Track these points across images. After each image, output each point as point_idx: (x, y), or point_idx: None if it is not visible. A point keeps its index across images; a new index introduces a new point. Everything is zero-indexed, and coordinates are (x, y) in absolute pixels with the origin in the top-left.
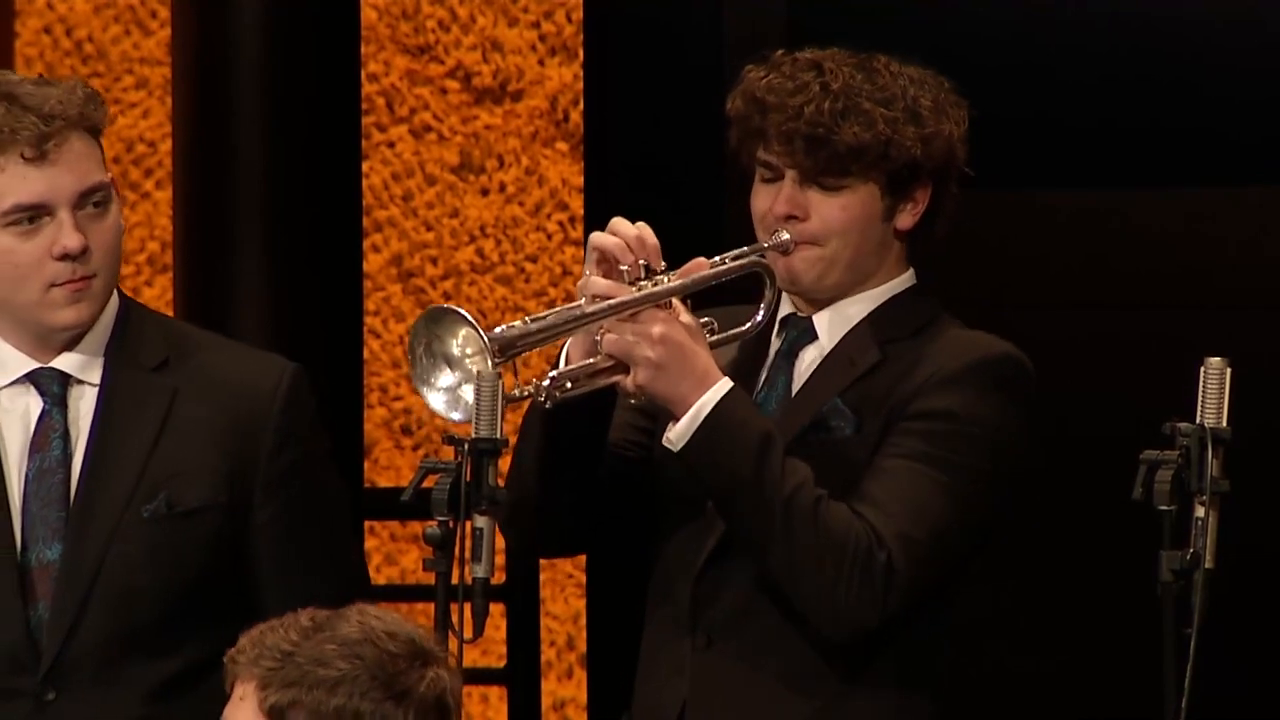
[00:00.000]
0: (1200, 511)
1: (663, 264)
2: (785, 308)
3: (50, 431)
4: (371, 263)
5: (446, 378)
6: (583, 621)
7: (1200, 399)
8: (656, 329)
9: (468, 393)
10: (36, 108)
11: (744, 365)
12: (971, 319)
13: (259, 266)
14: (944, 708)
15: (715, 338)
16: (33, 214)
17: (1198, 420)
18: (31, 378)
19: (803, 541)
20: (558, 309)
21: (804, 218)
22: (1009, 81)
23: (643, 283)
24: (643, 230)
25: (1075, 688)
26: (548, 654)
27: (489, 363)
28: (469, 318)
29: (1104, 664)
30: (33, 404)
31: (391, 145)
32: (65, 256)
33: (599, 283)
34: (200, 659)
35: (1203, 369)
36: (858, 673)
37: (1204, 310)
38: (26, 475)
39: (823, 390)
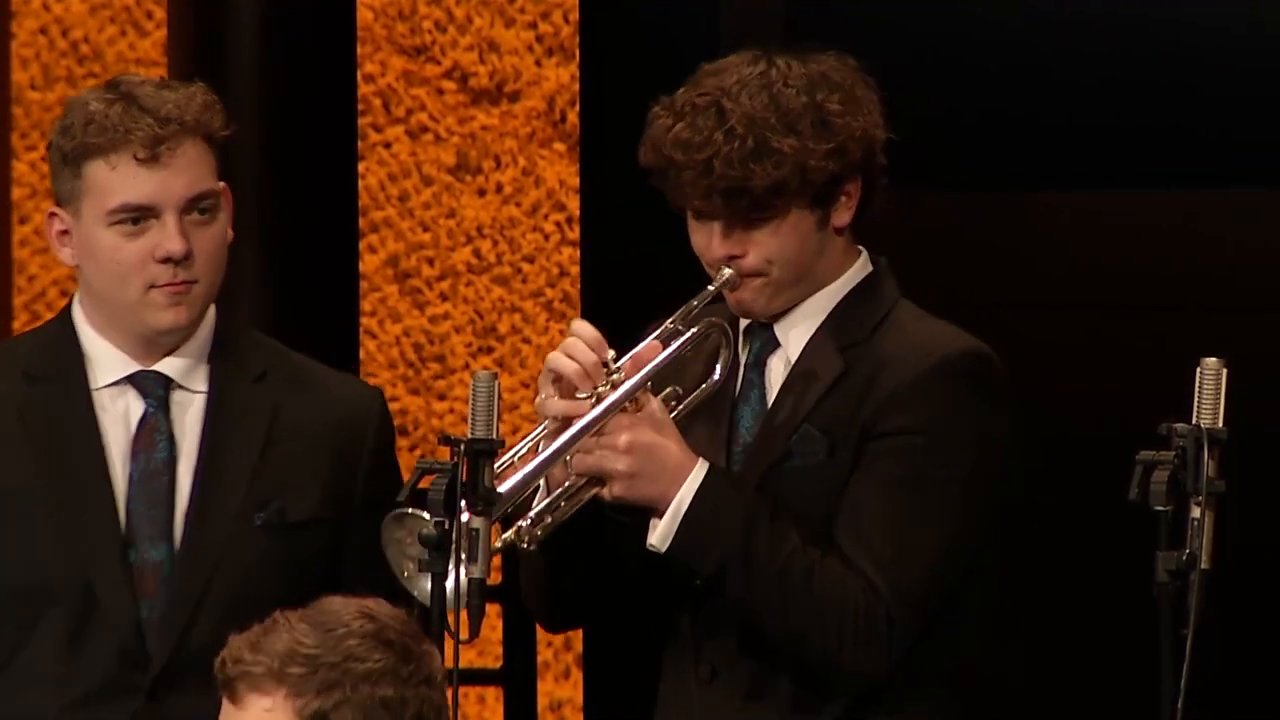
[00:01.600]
0: (1196, 512)
1: (613, 364)
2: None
3: (154, 433)
4: (368, 263)
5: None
6: None
7: (1196, 400)
8: (622, 439)
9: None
10: (154, 110)
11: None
12: (970, 319)
13: (255, 266)
14: (946, 717)
15: (680, 408)
16: (138, 215)
17: (1194, 421)
18: (133, 380)
19: (801, 612)
20: (520, 445)
21: (742, 255)
22: (1007, 82)
23: (602, 389)
24: (590, 341)
25: (1072, 689)
26: (544, 654)
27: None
28: (423, 515)
29: (1100, 665)
30: (133, 405)
31: (388, 146)
32: (167, 260)
33: (557, 404)
34: None
35: (1199, 370)
36: (867, 697)
37: (1200, 311)
38: (131, 475)
39: (792, 412)
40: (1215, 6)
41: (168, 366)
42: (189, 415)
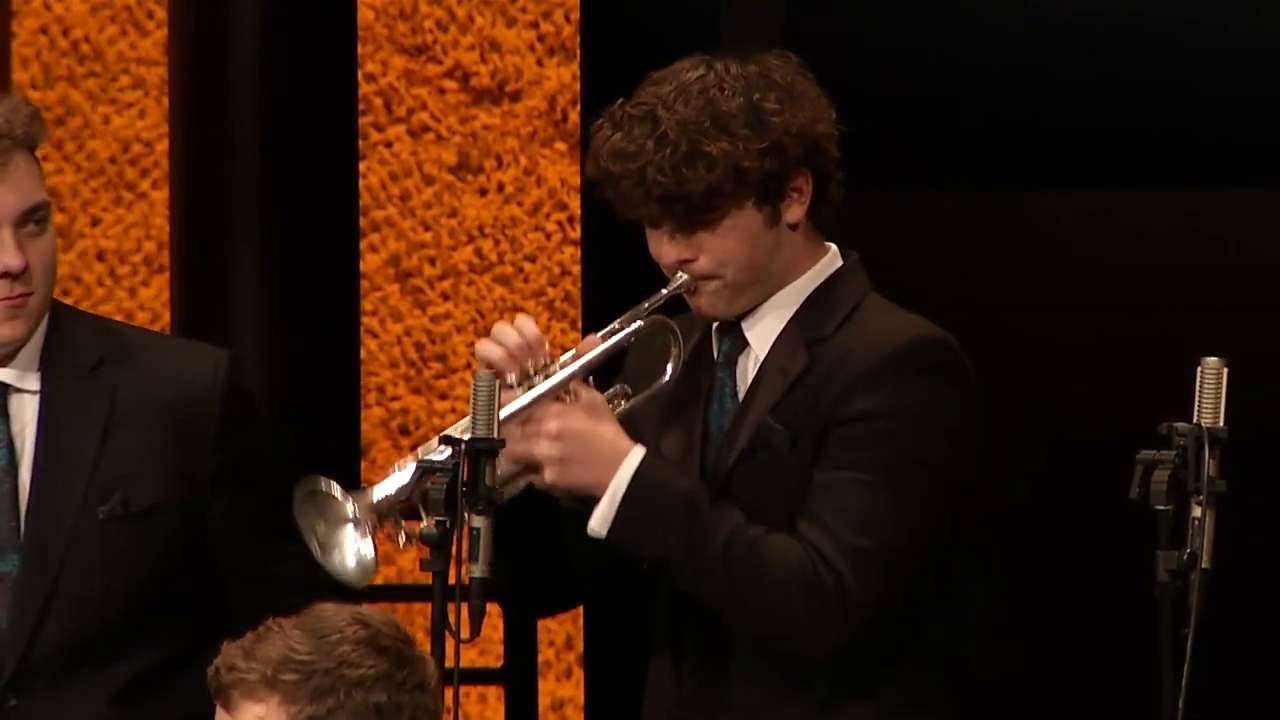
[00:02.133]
0: (1197, 512)
1: (547, 356)
2: None
3: None
4: (369, 263)
5: (346, 536)
6: (581, 621)
7: (1197, 399)
8: (552, 425)
9: (366, 548)
10: None
11: (691, 378)
12: (969, 319)
13: (256, 266)
14: (935, 712)
15: (627, 405)
16: None
17: (1194, 420)
18: None
19: (749, 587)
20: (450, 429)
21: (693, 259)
22: (1007, 82)
23: (534, 379)
24: (521, 325)
25: (1072, 688)
26: (546, 654)
27: (370, 523)
28: (335, 492)
29: (1101, 665)
30: None
31: (389, 145)
32: (4, 275)
33: None
34: (165, 659)
35: (1200, 369)
36: (842, 682)
37: (1201, 311)
38: None
39: (759, 407)
40: (1216, 7)
41: (1, 374)
42: (27, 417)
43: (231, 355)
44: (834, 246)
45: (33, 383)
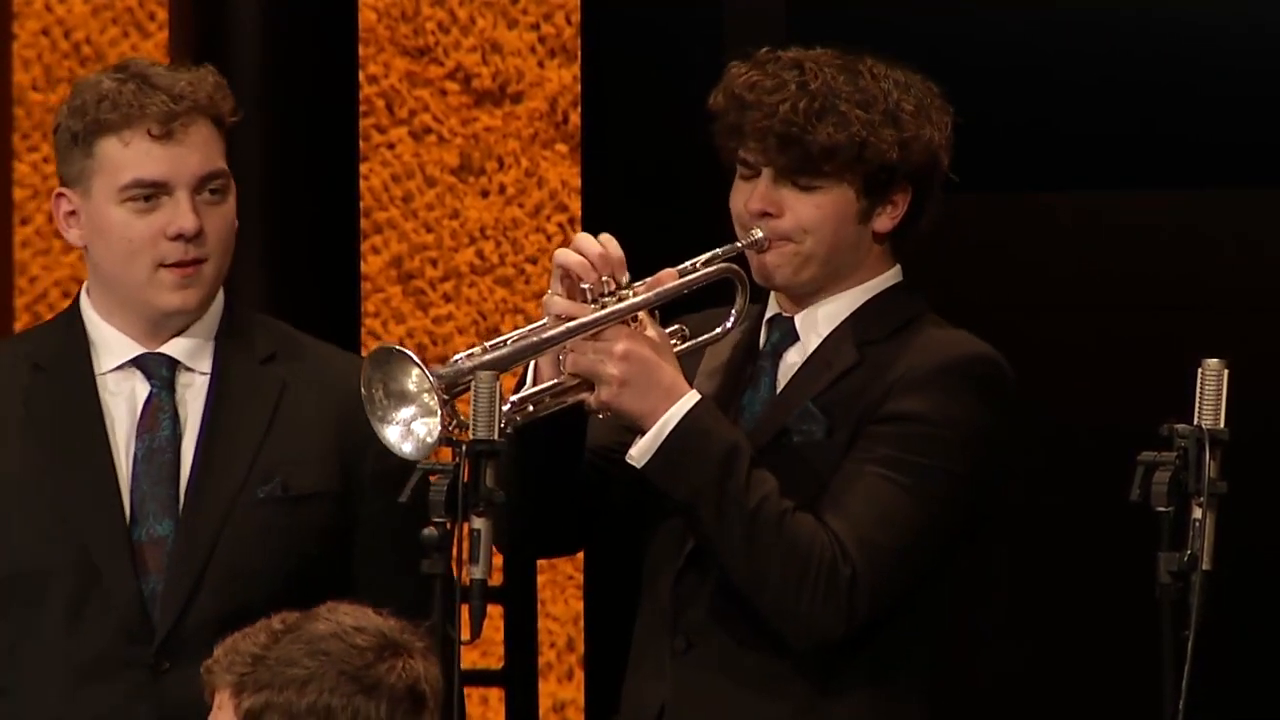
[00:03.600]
0: (1198, 513)
1: (627, 277)
2: (771, 308)
3: (159, 413)
4: (371, 264)
5: (403, 412)
6: (582, 623)
7: (1198, 401)
8: (619, 346)
9: (420, 428)
10: (167, 88)
11: (733, 365)
12: (969, 321)
13: (258, 267)
14: (930, 710)
15: (684, 345)
16: (151, 191)
17: (1195, 422)
18: (138, 362)
19: (767, 554)
20: (519, 331)
21: (778, 214)
22: (1006, 84)
23: (607, 298)
24: (607, 244)
25: (1073, 690)
26: (547, 655)
27: (436, 400)
28: (414, 357)
29: (1102, 666)
30: (139, 388)
31: (391, 147)
32: (179, 237)
33: (560, 303)
34: None
35: (1200, 371)
36: (838, 675)
37: (1201, 312)
38: (135, 454)
39: (800, 394)
40: (1212, 9)
41: (173, 348)
42: (193, 395)
43: None
44: (899, 266)
45: (204, 364)
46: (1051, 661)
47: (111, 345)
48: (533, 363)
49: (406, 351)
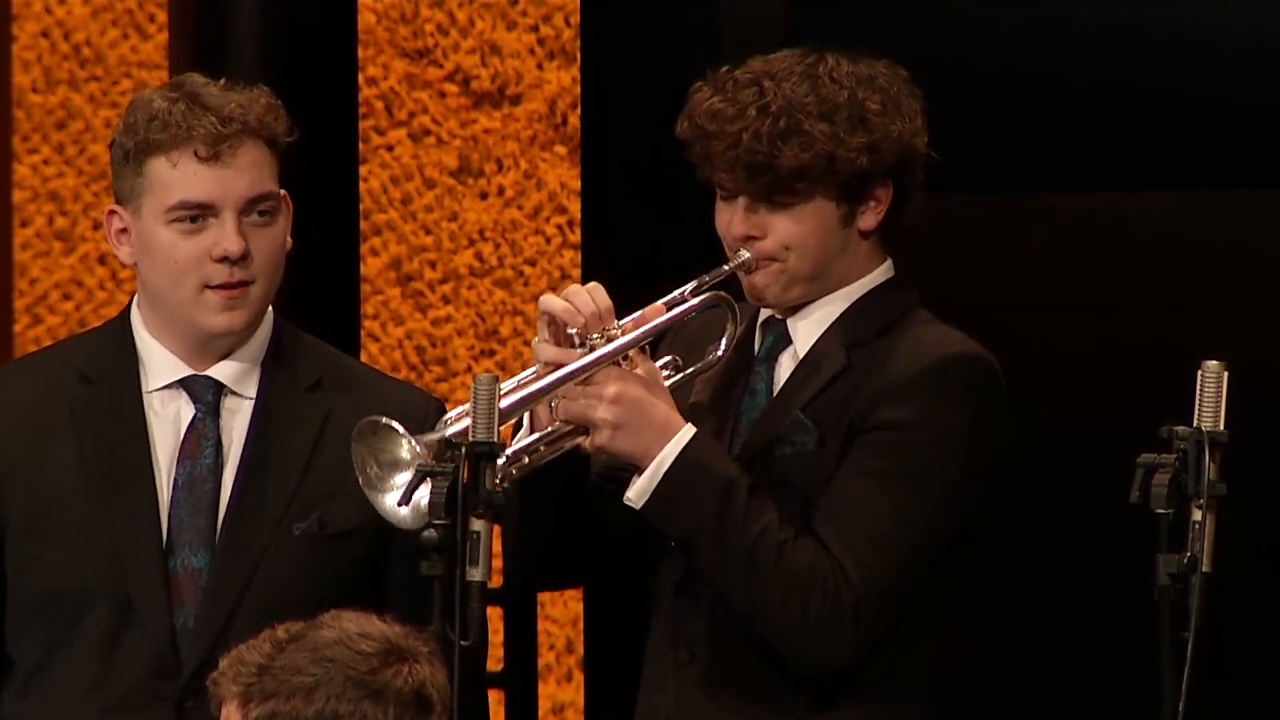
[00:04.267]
0: (1197, 515)
1: (614, 320)
2: (764, 311)
3: (202, 439)
4: (370, 266)
5: (399, 478)
6: (581, 625)
7: (1197, 402)
8: (610, 389)
9: (420, 494)
10: (217, 109)
11: (729, 371)
12: (967, 321)
13: None
14: (932, 713)
15: (678, 376)
16: (197, 213)
17: (1195, 424)
18: (185, 384)
19: (768, 587)
20: (508, 383)
21: (761, 236)
22: (1006, 84)
23: (596, 340)
24: (593, 291)
25: (1072, 692)
26: (546, 657)
27: (428, 463)
28: (399, 429)
29: (1101, 668)
30: (184, 410)
31: (390, 149)
32: (224, 259)
33: (548, 350)
34: None
35: (1200, 372)
36: (839, 682)
37: (1201, 313)
38: (176, 480)
39: (792, 402)
40: (1211, 9)
41: (220, 371)
42: (238, 421)
43: (440, 403)
44: (889, 259)
45: (250, 389)
46: (1051, 662)
47: (159, 363)
48: (526, 412)
49: (392, 424)
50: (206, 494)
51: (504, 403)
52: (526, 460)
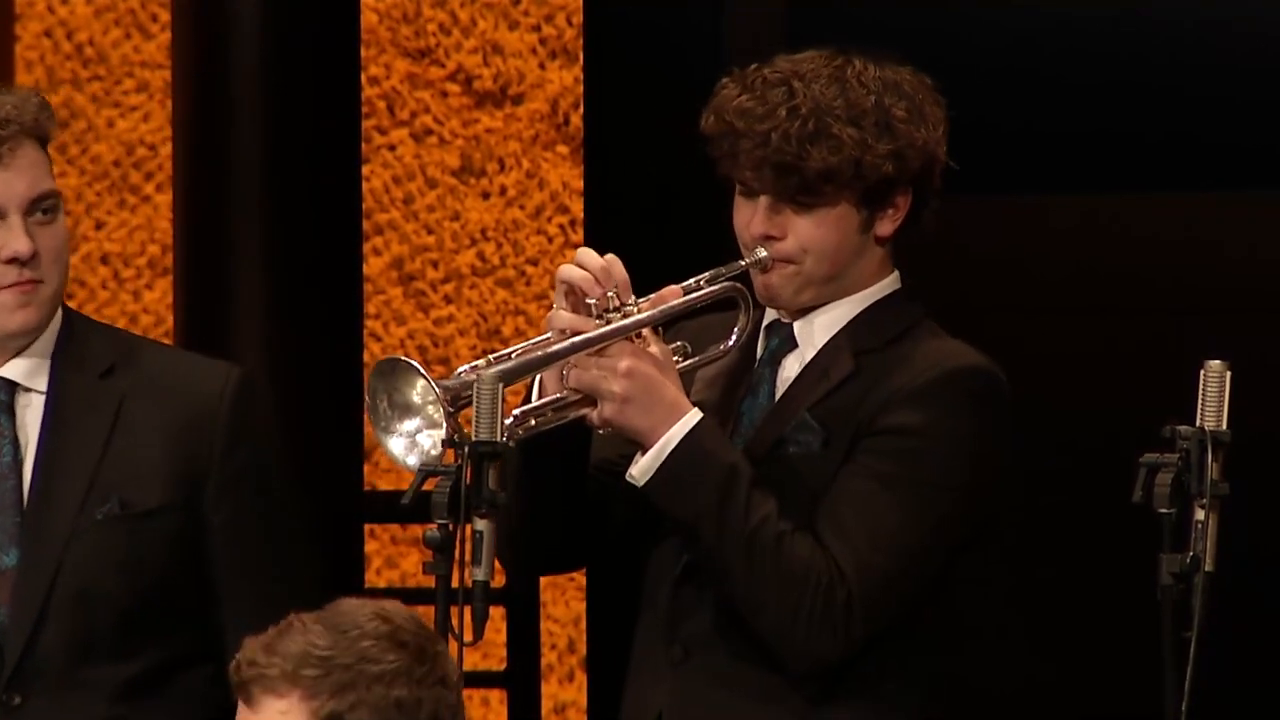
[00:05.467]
0: (1200, 515)
1: (632, 296)
2: (770, 314)
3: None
4: (372, 266)
5: (408, 424)
6: (583, 625)
7: (1200, 402)
8: (623, 362)
9: (425, 440)
10: None
11: (732, 372)
12: (969, 324)
13: (260, 269)
14: (930, 714)
15: (687, 363)
16: None
17: (1197, 423)
18: None
19: (764, 577)
20: (523, 345)
21: (780, 237)
22: (1006, 86)
23: (612, 314)
24: (611, 262)
25: (1075, 692)
26: (548, 657)
27: (441, 412)
28: (420, 369)
29: (1104, 668)
30: None
31: (392, 148)
32: (14, 260)
33: (564, 317)
34: (164, 660)
35: (1202, 372)
36: (836, 681)
37: (1203, 314)
38: None
39: (797, 404)
40: (1211, 11)
41: (11, 370)
42: (30, 416)
43: (244, 372)
44: (897, 272)
45: (41, 383)
46: (1054, 662)
47: None
48: (537, 377)
49: (413, 363)
50: (9, 492)
51: (518, 361)
52: (533, 422)
